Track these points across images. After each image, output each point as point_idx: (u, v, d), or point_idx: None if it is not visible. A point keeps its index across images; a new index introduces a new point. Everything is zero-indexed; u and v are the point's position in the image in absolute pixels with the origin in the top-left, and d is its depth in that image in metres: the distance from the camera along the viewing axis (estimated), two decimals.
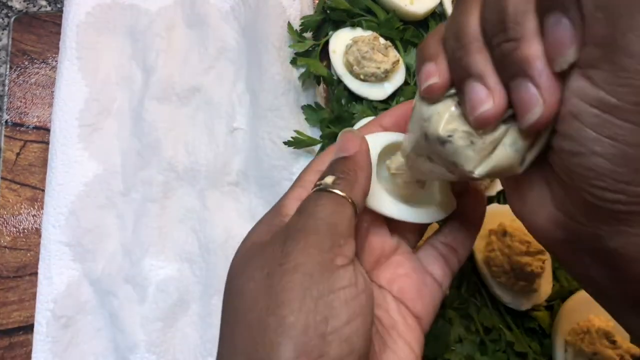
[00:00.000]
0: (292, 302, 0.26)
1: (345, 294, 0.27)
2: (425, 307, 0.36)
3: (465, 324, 0.52)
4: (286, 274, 0.26)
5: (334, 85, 0.58)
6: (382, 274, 0.36)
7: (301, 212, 0.29)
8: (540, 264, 0.49)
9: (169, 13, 0.62)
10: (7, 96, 0.61)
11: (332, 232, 0.28)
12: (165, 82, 0.59)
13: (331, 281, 0.26)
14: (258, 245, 0.30)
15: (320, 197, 0.30)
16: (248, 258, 0.30)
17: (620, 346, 0.47)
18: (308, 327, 0.25)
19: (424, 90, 0.28)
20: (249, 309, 0.27)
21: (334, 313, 0.26)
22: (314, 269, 0.26)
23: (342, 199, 0.29)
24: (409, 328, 0.34)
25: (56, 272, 0.54)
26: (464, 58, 0.26)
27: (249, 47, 0.60)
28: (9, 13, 0.66)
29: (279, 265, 0.27)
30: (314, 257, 0.27)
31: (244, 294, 0.28)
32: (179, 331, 0.54)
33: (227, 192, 0.57)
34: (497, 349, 0.51)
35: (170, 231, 0.56)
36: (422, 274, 0.36)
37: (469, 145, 0.27)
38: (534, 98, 0.24)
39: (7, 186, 0.58)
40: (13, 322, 0.55)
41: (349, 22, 0.60)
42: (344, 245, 0.28)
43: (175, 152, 0.57)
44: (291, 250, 0.27)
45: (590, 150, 0.23)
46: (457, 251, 0.38)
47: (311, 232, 0.28)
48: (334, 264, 0.27)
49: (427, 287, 0.36)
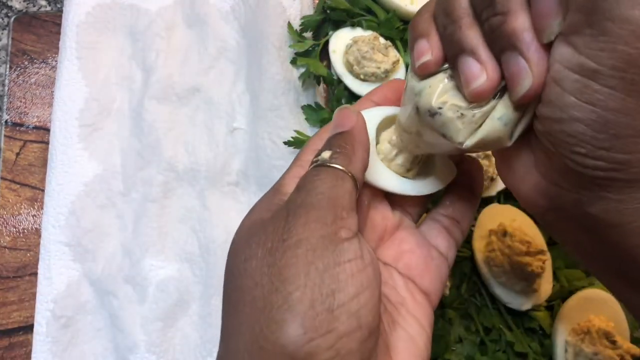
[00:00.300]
0: (296, 278, 0.25)
1: (352, 267, 0.26)
2: (432, 281, 0.35)
3: (465, 324, 0.52)
4: (289, 250, 0.26)
5: (334, 85, 0.58)
6: (386, 251, 0.35)
7: (300, 188, 0.29)
8: (540, 264, 0.49)
9: (169, 13, 0.62)
10: (7, 96, 0.61)
11: (333, 205, 0.27)
12: (165, 82, 0.59)
13: (336, 254, 0.26)
14: (259, 223, 0.29)
15: (319, 172, 0.29)
16: (249, 236, 0.28)
17: (621, 346, 0.47)
18: (314, 301, 0.24)
19: (419, 68, 0.29)
20: (253, 287, 0.26)
21: (341, 286, 0.25)
22: (317, 243, 0.26)
23: (341, 172, 0.29)
24: (417, 304, 0.34)
25: (56, 272, 0.54)
26: (456, 34, 0.27)
27: (249, 47, 0.60)
28: (9, 13, 0.66)
29: (281, 241, 0.26)
30: (317, 231, 0.26)
31: (246, 271, 0.27)
32: (179, 331, 0.54)
33: (227, 192, 0.57)
34: (497, 349, 0.51)
35: (170, 231, 0.56)
36: (427, 248, 0.36)
37: (459, 117, 0.28)
38: (523, 70, 0.25)
39: (7, 186, 0.58)
40: (13, 322, 0.55)
41: (349, 22, 0.60)
42: (346, 217, 0.27)
43: (175, 152, 0.57)
44: (293, 225, 0.26)
45: (570, 116, 0.23)
46: (459, 222, 0.38)
47: (312, 207, 0.27)
48: (338, 236, 0.26)
49: (433, 261, 0.35)
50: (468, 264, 0.53)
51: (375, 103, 0.36)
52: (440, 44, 0.28)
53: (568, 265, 0.53)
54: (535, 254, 0.49)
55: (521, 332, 0.51)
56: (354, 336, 0.25)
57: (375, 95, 0.37)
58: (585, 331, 0.48)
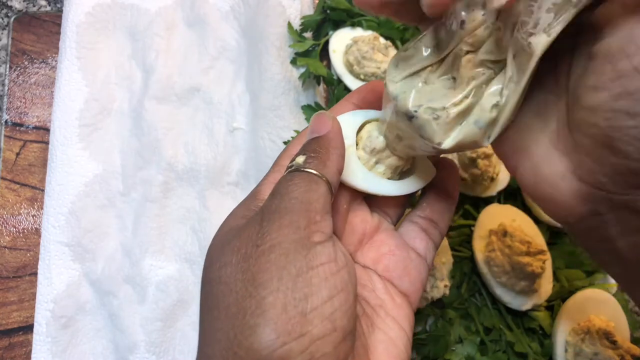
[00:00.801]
0: (269, 282, 0.25)
1: (325, 270, 0.26)
2: (412, 283, 0.35)
3: (465, 324, 0.52)
4: (262, 255, 0.26)
5: (334, 85, 0.58)
6: (366, 253, 0.35)
7: (275, 193, 0.29)
8: (540, 264, 0.49)
9: (169, 13, 0.62)
10: (7, 96, 0.61)
11: (306, 210, 0.27)
12: (164, 82, 0.59)
13: (309, 258, 0.26)
14: (234, 229, 0.29)
15: (293, 176, 0.29)
16: (224, 243, 0.29)
17: (621, 346, 0.46)
18: (287, 305, 0.24)
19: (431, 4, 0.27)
20: (227, 294, 0.26)
21: (314, 290, 0.25)
22: (290, 247, 0.26)
23: (314, 176, 0.29)
24: (397, 306, 0.34)
25: (56, 272, 0.54)
26: None
27: (249, 47, 0.60)
28: (9, 13, 0.66)
29: (255, 246, 0.26)
30: (290, 236, 0.26)
31: (221, 278, 0.27)
32: (179, 331, 0.54)
33: (227, 192, 0.57)
34: (497, 349, 0.51)
35: (170, 231, 0.56)
36: (405, 250, 0.36)
37: (435, 119, 0.28)
38: None
39: (7, 186, 0.58)
40: (13, 322, 0.55)
41: (349, 22, 0.60)
42: (320, 221, 0.27)
43: (175, 152, 0.57)
44: (267, 230, 0.26)
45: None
46: (437, 224, 0.38)
47: (286, 211, 0.27)
48: (311, 240, 0.26)
49: (412, 263, 0.36)
50: (468, 264, 0.53)
51: (355, 105, 0.37)
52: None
53: (568, 265, 0.53)
54: (535, 254, 0.49)
55: (521, 332, 0.51)
56: (328, 339, 0.25)
57: (354, 97, 0.37)
58: (585, 331, 0.48)
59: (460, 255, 0.53)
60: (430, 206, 0.38)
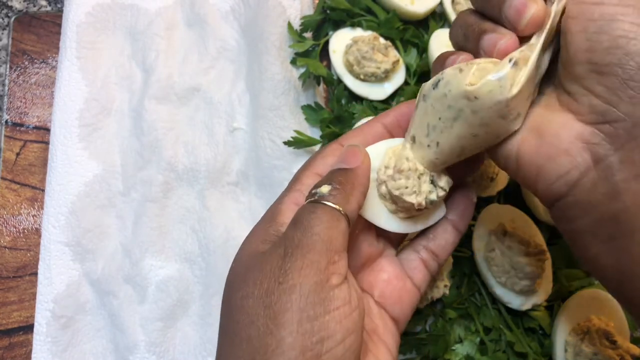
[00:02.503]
0: (289, 324, 0.27)
1: (340, 314, 0.28)
2: (403, 310, 0.37)
3: (465, 324, 0.52)
4: (284, 294, 0.27)
5: (334, 85, 0.58)
6: (366, 277, 0.37)
7: (297, 224, 0.30)
8: (540, 264, 0.49)
9: (169, 13, 0.62)
10: (7, 96, 0.61)
11: (327, 249, 0.29)
12: (164, 82, 0.59)
13: (327, 302, 0.28)
14: (256, 256, 0.31)
15: (316, 209, 0.30)
16: (246, 270, 0.30)
17: (620, 346, 0.47)
18: (305, 348, 0.26)
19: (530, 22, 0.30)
20: (249, 325, 0.28)
21: (329, 333, 0.27)
22: (310, 290, 0.27)
23: (336, 212, 0.30)
24: (387, 330, 0.36)
25: (56, 272, 0.54)
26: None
27: (249, 47, 0.60)
28: (9, 13, 0.66)
29: (278, 283, 0.28)
30: (311, 278, 0.28)
31: (243, 308, 0.29)
32: (179, 331, 0.54)
33: (227, 192, 0.57)
34: (497, 349, 0.51)
35: (170, 231, 0.56)
36: (402, 280, 0.38)
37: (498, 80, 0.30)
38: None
39: (7, 186, 0.58)
40: (13, 322, 0.55)
41: (349, 22, 0.60)
42: (338, 261, 0.29)
43: (175, 152, 0.57)
44: (289, 268, 0.28)
45: (617, 19, 0.27)
46: (438, 256, 0.39)
47: (308, 249, 0.28)
48: (330, 283, 0.28)
49: (407, 293, 0.37)
50: (468, 264, 0.53)
51: (385, 127, 0.37)
52: None
53: (568, 265, 0.53)
54: (535, 254, 0.49)
55: (521, 332, 0.51)
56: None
57: (386, 118, 0.37)
58: (585, 331, 0.48)
59: (460, 255, 0.53)
60: (435, 238, 0.39)
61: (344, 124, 0.55)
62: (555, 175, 0.30)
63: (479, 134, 0.32)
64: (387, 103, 0.58)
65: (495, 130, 0.31)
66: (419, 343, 0.51)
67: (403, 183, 0.34)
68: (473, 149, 0.33)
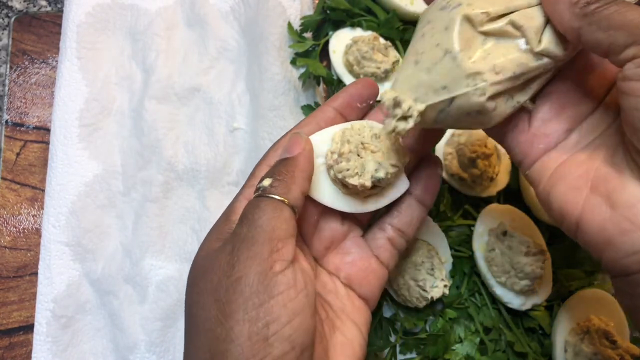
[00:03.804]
0: (236, 313, 0.29)
1: (284, 298, 0.29)
2: (371, 289, 0.38)
3: (465, 324, 0.52)
4: (231, 287, 0.29)
5: (334, 85, 0.58)
6: (331, 259, 0.38)
7: (243, 219, 0.32)
8: (540, 264, 0.49)
9: (169, 13, 0.62)
10: (7, 96, 0.61)
11: (270, 238, 0.30)
12: (165, 82, 0.59)
13: (270, 288, 0.29)
14: (210, 254, 0.32)
15: (259, 202, 0.32)
16: (202, 268, 0.32)
17: (620, 346, 0.47)
18: (252, 333, 0.28)
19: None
20: (204, 319, 0.30)
21: (274, 317, 0.29)
22: (254, 279, 0.29)
23: (279, 202, 0.32)
24: (356, 309, 0.37)
25: (56, 272, 0.54)
26: None
27: (249, 47, 0.60)
28: (9, 13, 0.66)
29: (226, 277, 0.30)
30: (255, 268, 0.30)
31: (199, 303, 0.31)
32: (179, 331, 0.54)
33: (227, 192, 0.57)
34: (497, 349, 0.51)
35: (170, 231, 0.56)
36: (368, 260, 0.39)
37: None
38: None
39: (7, 186, 0.58)
40: (13, 322, 0.55)
41: (349, 22, 0.60)
42: (282, 248, 0.31)
43: (175, 152, 0.57)
44: (236, 261, 0.30)
45: None
46: (404, 232, 0.40)
47: (252, 241, 0.30)
48: (273, 270, 0.30)
49: (373, 272, 0.39)
50: (468, 264, 0.53)
51: (336, 110, 0.38)
52: None
53: (568, 265, 0.53)
54: (535, 254, 0.49)
55: (521, 332, 0.51)
56: (287, 357, 0.29)
57: (336, 101, 0.38)
58: (585, 331, 0.48)
59: (460, 255, 0.53)
60: (400, 215, 0.40)
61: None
62: (630, 251, 0.27)
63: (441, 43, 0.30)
64: None
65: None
66: (419, 343, 0.51)
67: (344, 165, 0.35)
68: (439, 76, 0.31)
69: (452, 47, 0.29)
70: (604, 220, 0.28)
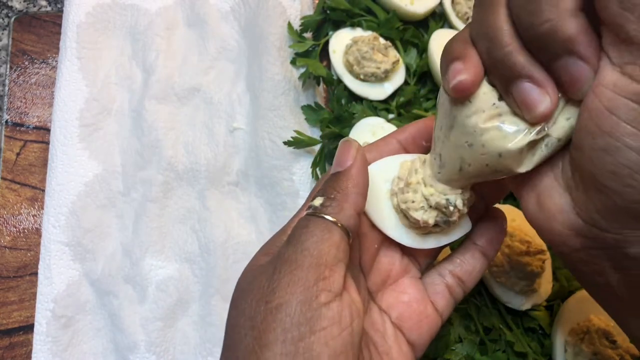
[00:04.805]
0: (273, 345, 0.26)
1: (326, 335, 0.27)
2: (421, 336, 0.36)
3: (465, 324, 0.52)
4: (269, 314, 0.27)
5: (334, 85, 0.58)
6: (386, 296, 0.36)
7: (290, 239, 0.29)
8: (540, 264, 0.49)
9: (169, 13, 0.62)
10: (7, 96, 0.61)
11: (317, 264, 0.28)
12: (165, 82, 0.59)
13: (313, 321, 0.27)
14: (254, 270, 0.30)
15: (308, 222, 0.29)
16: (245, 284, 0.30)
17: (620, 346, 0.47)
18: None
19: (453, 88, 0.28)
20: (238, 343, 0.28)
21: (313, 355, 0.26)
22: (296, 309, 0.27)
23: (330, 224, 0.29)
24: (402, 354, 0.34)
25: (56, 272, 0.54)
26: (507, 59, 0.26)
27: (249, 47, 0.60)
28: (9, 13, 0.66)
29: (265, 302, 0.27)
30: (297, 296, 0.27)
31: (236, 327, 0.28)
32: (179, 331, 0.54)
33: (227, 192, 0.57)
34: (497, 349, 0.51)
35: (170, 231, 0.56)
36: (424, 304, 0.36)
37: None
38: (585, 72, 0.24)
39: (7, 186, 0.58)
40: (13, 322, 0.55)
41: (349, 22, 0.60)
42: (329, 276, 0.28)
43: (175, 152, 0.57)
44: (276, 286, 0.27)
45: (625, 144, 0.23)
46: (464, 282, 0.37)
47: (296, 265, 0.28)
48: (318, 301, 0.27)
49: (426, 318, 0.36)
50: None
51: (400, 143, 0.36)
52: (479, 65, 0.28)
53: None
54: (535, 254, 0.49)
55: (521, 332, 0.51)
56: None
57: (402, 134, 0.36)
58: (585, 331, 0.48)
59: None
60: (462, 264, 0.37)
61: (344, 124, 0.55)
62: (548, 242, 0.29)
63: (474, 144, 0.29)
64: (387, 103, 0.58)
65: (492, 148, 0.29)
66: None
67: (410, 197, 0.33)
68: (476, 165, 0.30)
69: None
70: (534, 214, 0.29)
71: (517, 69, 0.26)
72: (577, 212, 0.27)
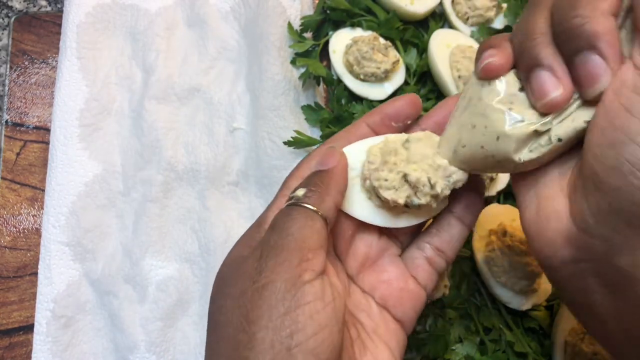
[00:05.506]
0: (260, 320, 0.28)
1: (311, 309, 0.28)
2: (406, 311, 0.36)
3: (465, 324, 0.52)
4: (256, 292, 0.29)
5: (334, 85, 0.58)
6: (366, 278, 0.37)
7: (273, 227, 0.31)
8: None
9: (169, 13, 0.62)
10: (7, 96, 0.61)
11: (300, 247, 0.30)
12: (165, 82, 0.59)
13: (297, 297, 0.28)
14: (238, 259, 0.32)
15: (291, 211, 0.31)
16: (229, 273, 0.32)
17: None
18: (274, 342, 0.27)
19: (482, 69, 0.30)
20: (227, 324, 0.29)
21: (299, 327, 0.28)
22: (281, 286, 0.28)
23: (311, 212, 0.31)
24: (390, 332, 0.35)
25: (56, 272, 0.54)
26: (533, 48, 0.28)
27: (249, 47, 0.60)
28: (9, 13, 0.66)
29: (252, 283, 0.29)
30: (282, 275, 0.29)
31: (223, 308, 0.30)
32: (179, 331, 0.54)
33: (227, 192, 0.57)
34: (497, 349, 0.51)
35: (170, 231, 0.56)
36: (404, 279, 0.37)
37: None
38: (601, 68, 0.26)
39: (7, 186, 0.58)
40: (13, 322, 0.55)
41: (349, 22, 0.60)
42: (312, 258, 0.30)
43: (175, 152, 0.57)
44: (263, 268, 0.29)
45: (633, 140, 0.24)
46: (444, 252, 0.38)
47: (282, 249, 0.30)
48: (301, 279, 0.29)
49: (409, 293, 0.37)
50: (468, 264, 0.53)
51: (370, 127, 0.37)
52: (510, 55, 0.29)
53: None
54: None
55: (521, 332, 0.51)
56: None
57: (371, 117, 0.37)
58: (585, 331, 0.48)
59: (460, 255, 0.53)
60: (439, 234, 0.38)
61: (344, 124, 0.55)
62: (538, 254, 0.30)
63: (477, 125, 0.30)
64: None
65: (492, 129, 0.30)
66: (419, 343, 0.51)
67: (384, 175, 0.34)
68: (471, 146, 0.31)
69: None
70: (532, 217, 0.30)
71: (540, 57, 0.27)
72: (572, 216, 0.27)
